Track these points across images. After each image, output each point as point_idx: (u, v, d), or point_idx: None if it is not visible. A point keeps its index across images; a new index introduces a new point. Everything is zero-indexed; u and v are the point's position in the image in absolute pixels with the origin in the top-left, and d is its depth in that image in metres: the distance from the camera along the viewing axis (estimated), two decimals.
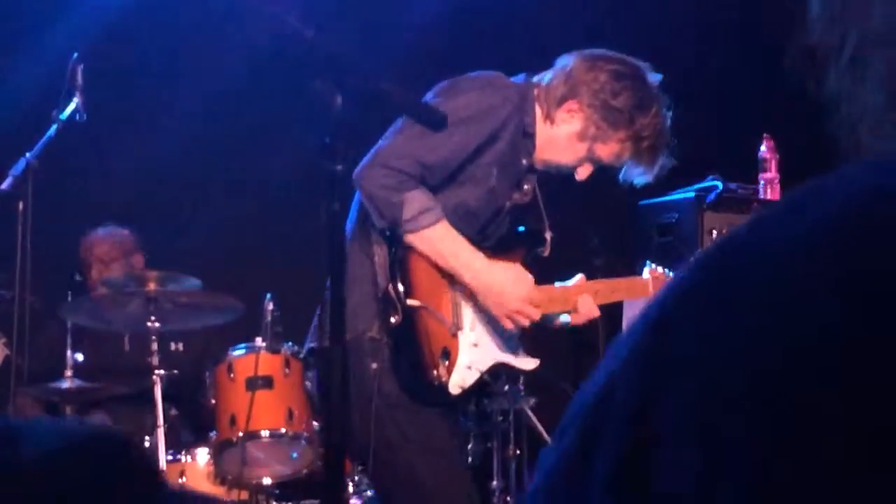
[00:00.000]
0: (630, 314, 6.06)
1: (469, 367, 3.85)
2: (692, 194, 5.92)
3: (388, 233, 3.76)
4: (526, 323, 3.91)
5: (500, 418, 5.92)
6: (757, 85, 6.87)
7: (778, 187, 6.02)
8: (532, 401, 5.85)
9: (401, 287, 3.76)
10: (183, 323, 5.66)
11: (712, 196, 5.91)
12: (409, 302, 3.75)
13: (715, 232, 5.88)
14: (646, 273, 4.35)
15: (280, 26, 2.66)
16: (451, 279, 3.87)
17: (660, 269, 4.36)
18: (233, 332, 5.77)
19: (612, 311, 5.82)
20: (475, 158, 3.85)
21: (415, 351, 3.79)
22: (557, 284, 4.10)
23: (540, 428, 5.92)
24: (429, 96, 3.86)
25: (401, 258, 3.78)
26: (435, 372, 3.79)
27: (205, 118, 6.39)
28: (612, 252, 5.85)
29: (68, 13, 6.18)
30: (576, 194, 4.23)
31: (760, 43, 6.99)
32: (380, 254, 3.81)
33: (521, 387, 5.65)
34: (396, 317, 3.75)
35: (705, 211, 5.92)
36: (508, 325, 3.88)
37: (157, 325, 5.36)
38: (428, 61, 6.32)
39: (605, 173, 4.14)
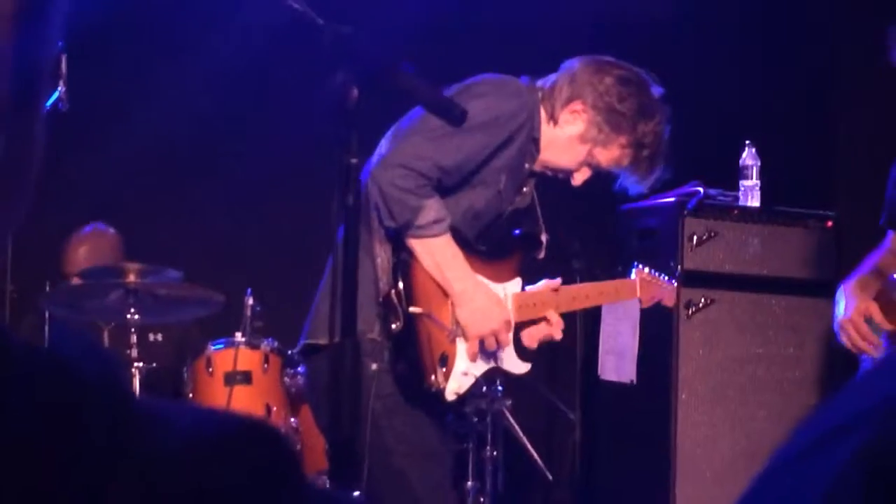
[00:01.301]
0: (609, 318, 6.09)
1: (465, 374, 3.86)
2: (673, 199, 5.94)
3: (392, 234, 3.75)
4: (492, 349, 3.92)
5: (476, 419, 5.90)
6: (739, 92, 6.91)
7: (759, 194, 6.05)
8: (509, 402, 5.84)
9: (403, 292, 3.74)
10: (162, 315, 5.62)
11: (693, 202, 5.94)
12: (411, 309, 3.74)
13: (696, 237, 5.90)
14: (633, 274, 4.36)
15: (293, 15, 2.63)
16: None
17: (647, 270, 4.38)
18: (212, 327, 5.75)
19: (592, 313, 5.86)
20: (488, 162, 3.85)
21: (414, 356, 3.79)
22: (543, 284, 4.09)
23: (517, 429, 5.92)
24: None
25: (404, 261, 3.77)
26: (433, 378, 3.79)
27: (190, 110, 6.35)
28: (592, 255, 5.85)
29: (55, 2, 6.11)
30: (556, 196, 4.22)
31: (743, 49, 7.06)
32: (382, 256, 3.78)
33: (499, 388, 5.63)
34: (397, 323, 3.74)
35: (686, 216, 5.94)
36: (475, 344, 3.88)
37: (136, 317, 5.32)
38: (428, 57, 6.32)
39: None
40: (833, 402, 0.88)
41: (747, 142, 6.09)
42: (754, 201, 6.06)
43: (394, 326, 3.75)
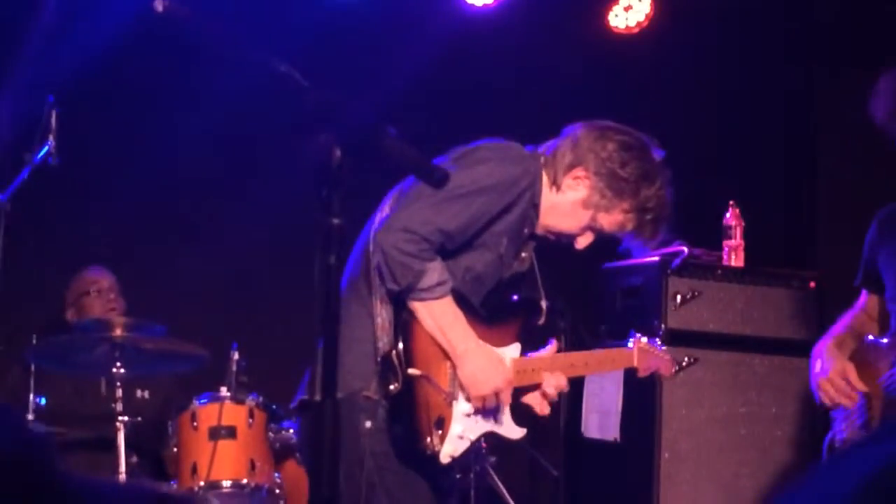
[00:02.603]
0: (594, 376, 6.09)
1: (461, 437, 3.86)
2: (657, 259, 5.98)
3: (394, 294, 3.77)
4: (493, 408, 3.92)
5: (460, 475, 5.91)
6: (723, 153, 6.98)
7: (742, 254, 6.10)
8: (493, 459, 5.85)
9: (402, 353, 3.76)
10: (147, 370, 5.64)
11: (677, 261, 5.98)
12: (410, 371, 3.75)
13: (679, 296, 5.94)
14: (631, 343, 4.36)
15: (277, 75, 2.67)
16: None
17: (644, 339, 4.38)
18: (197, 381, 5.76)
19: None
20: (490, 226, 3.87)
21: (410, 418, 3.79)
22: (541, 353, 4.09)
23: (500, 486, 5.93)
24: (444, 160, 3.88)
25: (405, 322, 3.78)
26: (428, 440, 3.79)
27: (176, 169, 6.40)
28: (577, 314, 5.88)
29: (44, 54, 6.17)
30: (540, 254, 4.24)
31: (728, 112, 7.13)
32: (383, 315, 3.80)
33: (483, 445, 5.65)
34: (396, 384, 3.74)
35: (670, 276, 5.98)
36: (477, 404, 3.89)
37: (122, 371, 5.34)
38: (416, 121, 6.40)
39: None
40: None
41: (731, 202, 6.14)
42: (738, 261, 6.11)
43: (392, 387, 3.74)
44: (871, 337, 4.51)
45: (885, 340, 4.40)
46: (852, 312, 4.71)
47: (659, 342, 4.50)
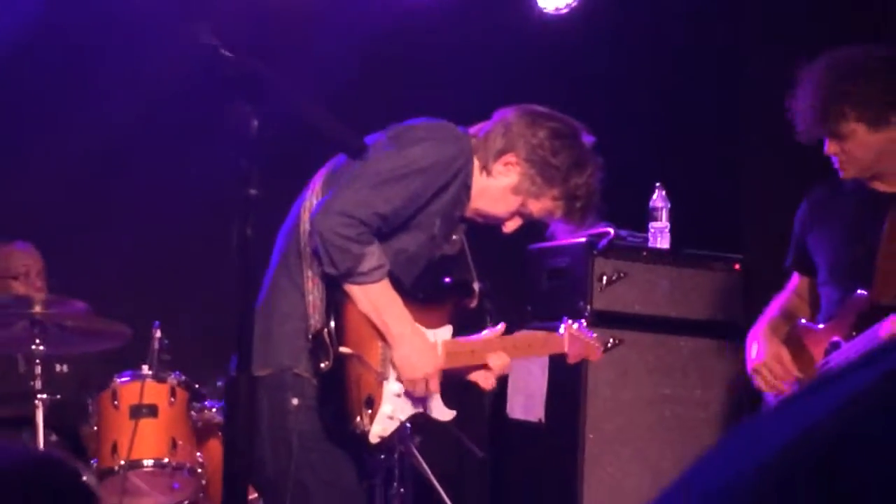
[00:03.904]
0: (518, 362, 6.09)
1: (391, 417, 3.86)
2: (583, 240, 5.98)
3: (332, 278, 3.74)
4: (422, 394, 3.92)
5: (384, 455, 5.90)
6: (649, 135, 6.99)
7: (668, 236, 6.11)
8: (417, 439, 5.83)
9: (335, 332, 3.73)
10: (68, 347, 5.58)
11: (603, 242, 5.98)
12: (342, 350, 3.73)
13: (605, 278, 5.95)
14: (562, 329, 4.36)
15: (199, 45, 2.63)
16: None
17: (575, 325, 4.39)
18: (119, 359, 5.70)
19: None
20: (425, 207, 3.87)
21: (340, 397, 3.78)
22: (476, 336, 4.10)
23: (424, 466, 5.91)
24: (380, 138, 3.87)
25: (338, 301, 3.76)
26: (358, 419, 3.78)
27: (94, 141, 6.32)
28: (502, 295, 5.87)
29: None
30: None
31: (653, 93, 7.14)
32: (315, 293, 3.78)
33: (408, 425, 5.62)
34: (326, 362, 3.72)
35: (596, 257, 5.99)
36: (409, 387, 3.88)
37: (41, 348, 5.27)
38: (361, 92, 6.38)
39: None
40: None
41: (657, 184, 6.15)
42: (664, 243, 6.12)
43: (323, 365, 3.73)
44: (803, 321, 4.53)
45: (820, 326, 4.42)
46: (784, 295, 4.74)
47: (585, 325, 4.51)
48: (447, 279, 4.12)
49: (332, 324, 3.74)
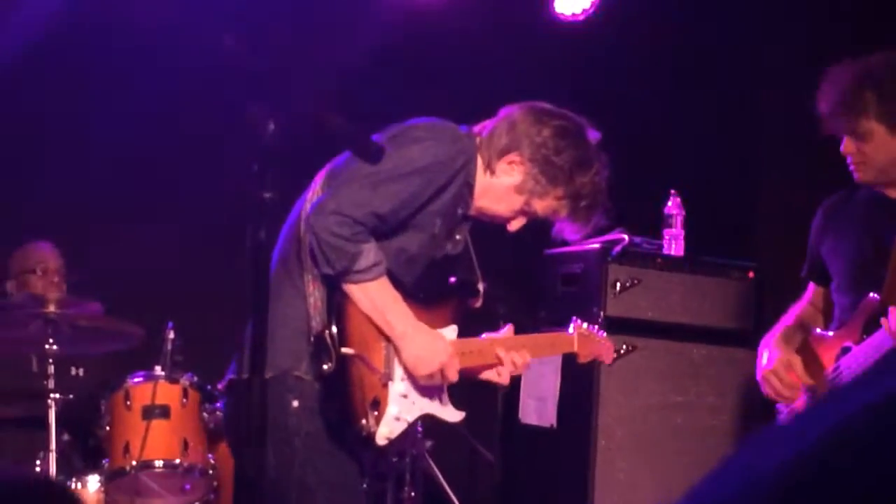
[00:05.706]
0: (530, 367, 6.08)
1: (397, 419, 3.81)
2: (598, 246, 5.97)
3: (329, 279, 3.73)
4: (439, 382, 3.89)
5: (396, 459, 5.90)
6: (665, 142, 6.99)
7: (682, 243, 6.10)
8: (429, 443, 5.84)
9: (336, 333, 3.71)
10: (82, 347, 5.59)
11: (618, 249, 5.97)
12: (344, 350, 3.70)
13: (619, 284, 5.94)
14: (572, 329, 4.34)
15: (216, 47, 2.64)
16: None
17: (585, 325, 4.36)
18: (132, 360, 5.71)
19: None
20: (424, 207, 3.83)
21: (345, 399, 3.74)
22: (484, 336, 4.08)
23: (435, 470, 5.92)
24: (378, 138, 3.83)
25: (339, 303, 3.73)
26: (364, 422, 3.74)
27: (121, 140, 6.34)
28: (516, 300, 5.88)
29: None
30: (480, 239, 4.22)
31: (671, 100, 7.14)
32: (316, 295, 3.75)
33: (420, 429, 5.63)
34: (329, 364, 3.69)
35: (610, 263, 5.98)
36: (426, 382, 3.86)
37: (55, 347, 5.28)
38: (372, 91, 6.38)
39: None
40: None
41: (672, 191, 6.14)
42: (678, 250, 6.11)
43: (325, 367, 3.69)
44: (818, 330, 4.51)
45: (830, 333, 4.41)
46: (800, 304, 4.72)
47: (598, 328, 4.49)
48: (451, 279, 4.09)
49: (334, 325, 3.71)
